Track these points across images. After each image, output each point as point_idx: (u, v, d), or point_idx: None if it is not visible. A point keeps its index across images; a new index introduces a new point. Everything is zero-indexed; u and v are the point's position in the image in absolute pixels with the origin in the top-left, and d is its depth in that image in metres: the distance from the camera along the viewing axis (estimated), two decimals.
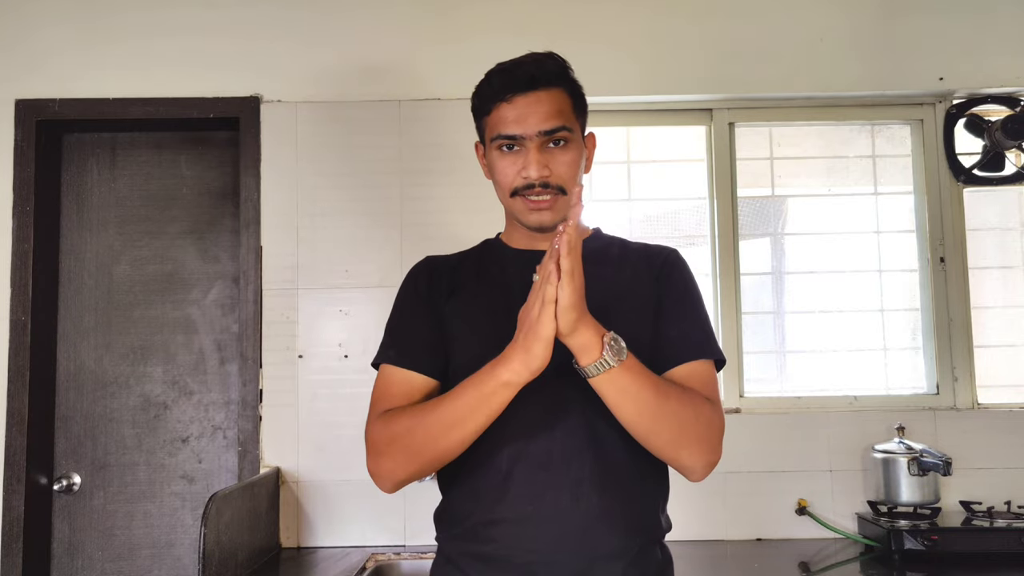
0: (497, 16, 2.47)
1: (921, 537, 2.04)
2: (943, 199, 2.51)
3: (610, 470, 1.16)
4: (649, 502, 1.21)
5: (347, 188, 2.42)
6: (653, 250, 1.31)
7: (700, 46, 2.47)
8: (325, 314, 2.40)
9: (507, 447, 1.16)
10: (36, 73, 2.45)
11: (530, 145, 1.19)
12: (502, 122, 1.20)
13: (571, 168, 1.21)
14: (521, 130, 1.19)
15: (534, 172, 1.18)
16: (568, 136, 1.20)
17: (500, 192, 1.26)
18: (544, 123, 1.18)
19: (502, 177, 1.23)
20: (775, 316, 2.56)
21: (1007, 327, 2.54)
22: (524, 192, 1.21)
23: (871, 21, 2.48)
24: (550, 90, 1.20)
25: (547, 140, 1.19)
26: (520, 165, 1.20)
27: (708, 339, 1.23)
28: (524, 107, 1.19)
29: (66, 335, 2.49)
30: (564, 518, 1.14)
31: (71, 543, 2.44)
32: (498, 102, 1.20)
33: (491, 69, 1.25)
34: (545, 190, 1.19)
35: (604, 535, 1.15)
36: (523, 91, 1.19)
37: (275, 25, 2.47)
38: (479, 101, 1.25)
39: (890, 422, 2.34)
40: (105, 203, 2.54)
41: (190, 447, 2.47)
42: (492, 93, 1.21)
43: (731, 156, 2.54)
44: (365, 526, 2.33)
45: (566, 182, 1.21)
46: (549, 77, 1.20)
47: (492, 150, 1.23)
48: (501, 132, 1.20)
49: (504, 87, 1.20)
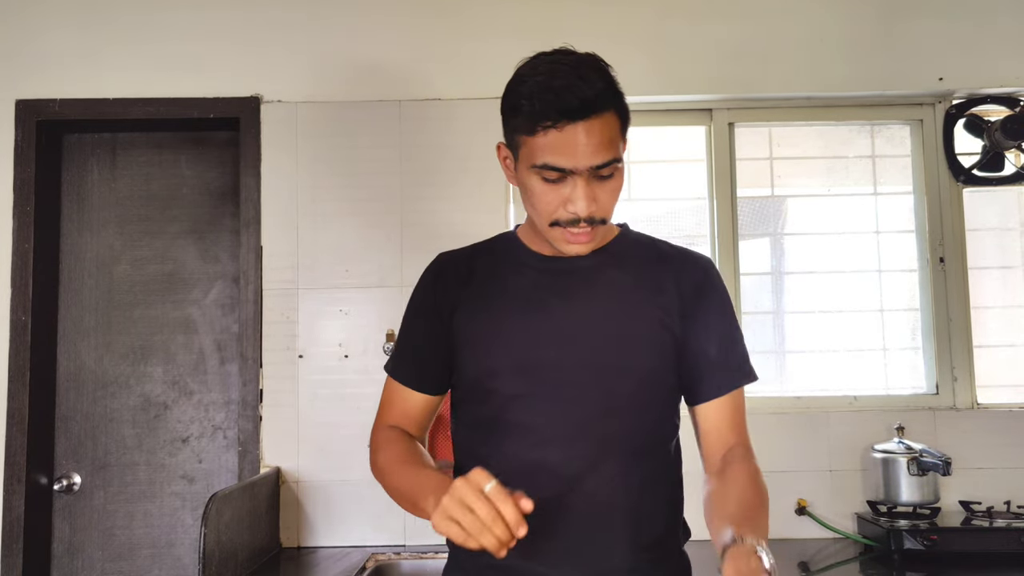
0: (497, 16, 2.46)
1: (921, 537, 2.04)
2: (943, 199, 2.51)
3: (624, 483, 1.15)
4: (664, 513, 1.20)
5: (347, 188, 2.42)
6: (686, 259, 1.24)
7: (700, 46, 2.47)
8: (325, 314, 2.40)
9: (522, 459, 1.15)
10: (36, 73, 2.45)
11: (579, 180, 1.08)
12: (549, 150, 1.07)
13: (615, 196, 1.14)
14: (571, 164, 1.07)
15: (583, 210, 1.09)
16: (616, 167, 1.11)
17: (534, 213, 1.16)
18: (595, 157, 1.07)
19: (543, 206, 1.12)
20: (775, 316, 2.56)
21: (1007, 327, 2.54)
22: (566, 225, 1.12)
23: (871, 21, 2.48)
24: (602, 116, 1.07)
25: (596, 172, 1.09)
26: (564, 197, 1.10)
27: (744, 363, 1.22)
28: (573, 136, 1.06)
29: (66, 335, 2.49)
30: (575, 526, 1.14)
31: (71, 543, 2.44)
32: (544, 127, 1.07)
33: (527, 78, 1.10)
34: (590, 225, 1.12)
35: (614, 544, 1.14)
36: (573, 119, 1.06)
37: (275, 25, 2.47)
38: (516, 116, 1.11)
39: (890, 422, 2.34)
40: (105, 203, 2.54)
41: (190, 447, 2.47)
42: (536, 115, 1.07)
43: (731, 156, 2.54)
44: (365, 526, 2.33)
45: (608, 212, 1.14)
46: (600, 99, 1.07)
47: (531, 173, 1.11)
48: (548, 163, 1.08)
49: (552, 111, 1.06)
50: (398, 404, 1.28)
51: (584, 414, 1.15)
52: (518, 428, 1.16)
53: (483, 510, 0.92)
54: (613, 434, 1.15)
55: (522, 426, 1.16)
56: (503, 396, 1.18)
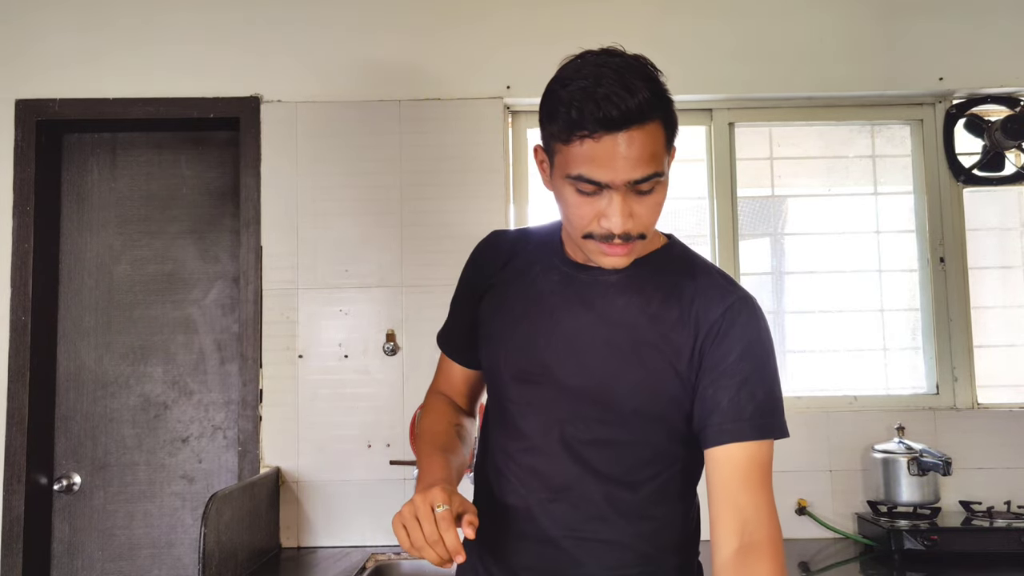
0: (497, 16, 2.46)
1: (921, 537, 2.04)
2: (943, 199, 2.51)
3: (608, 506, 1.13)
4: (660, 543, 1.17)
5: (347, 188, 2.42)
6: (718, 295, 1.12)
7: (700, 46, 2.47)
8: (325, 314, 2.40)
9: (517, 459, 1.16)
10: (36, 73, 2.45)
11: (615, 194, 1.01)
12: (585, 161, 1.00)
13: (656, 211, 1.06)
14: (608, 178, 0.99)
15: (617, 227, 1.02)
16: (658, 182, 1.02)
17: (568, 226, 1.09)
18: (635, 171, 0.99)
19: (577, 219, 1.05)
20: (775, 316, 2.56)
21: (1007, 327, 2.53)
22: (601, 239, 1.05)
23: (871, 21, 2.48)
24: (644, 127, 0.99)
25: (635, 187, 1.01)
26: (599, 211, 1.02)
27: (765, 415, 1.08)
28: (612, 148, 0.98)
29: (66, 335, 2.49)
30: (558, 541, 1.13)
31: (71, 543, 2.44)
32: (582, 136, 0.99)
33: (568, 81, 1.02)
34: (625, 241, 1.04)
35: (600, 565, 1.13)
36: (612, 130, 0.97)
37: (275, 25, 2.47)
38: (553, 122, 1.03)
39: (890, 422, 2.34)
40: (105, 203, 2.54)
41: (190, 447, 2.47)
42: (572, 123, 0.99)
43: (731, 156, 2.54)
44: (365, 526, 2.33)
45: (648, 228, 1.06)
46: (644, 109, 0.98)
47: (565, 183, 1.04)
48: (583, 174, 1.00)
49: (589, 121, 0.98)
50: (444, 372, 1.34)
51: (572, 434, 1.13)
52: (515, 429, 1.17)
53: (428, 528, 0.98)
54: (598, 461, 1.12)
55: (518, 429, 1.17)
56: (505, 397, 1.19)
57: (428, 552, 0.99)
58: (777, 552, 1.04)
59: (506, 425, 1.18)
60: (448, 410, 1.29)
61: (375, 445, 2.32)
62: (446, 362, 1.33)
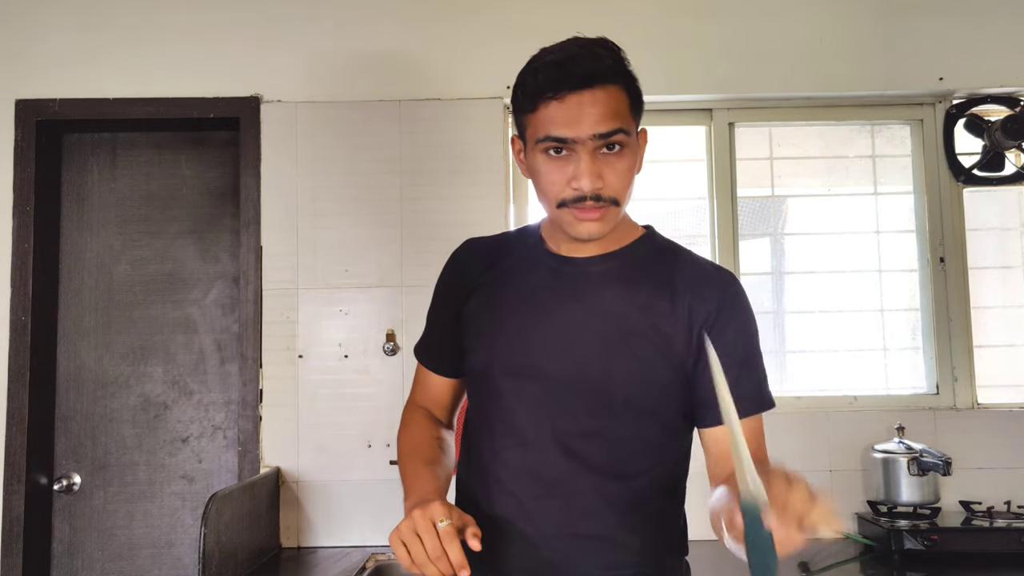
0: (497, 16, 2.46)
1: (921, 537, 2.04)
2: (943, 199, 2.51)
3: (601, 501, 1.13)
4: (650, 537, 1.17)
5: (347, 188, 2.42)
6: (707, 277, 1.17)
7: (700, 46, 2.47)
8: (325, 314, 2.40)
9: (508, 458, 1.16)
10: (36, 73, 2.45)
11: (582, 151, 1.05)
12: (551, 122, 1.05)
13: (626, 177, 1.09)
14: (573, 132, 1.04)
15: (587, 184, 1.05)
16: (624, 140, 1.07)
17: (543, 198, 1.13)
18: (599, 125, 1.04)
19: (548, 186, 1.09)
20: (775, 316, 2.56)
21: (1007, 327, 2.53)
22: (572, 204, 1.08)
23: (871, 21, 2.48)
24: (607, 87, 1.05)
25: (601, 144, 1.05)
26: (570, 174, 1.06)
27: (760, 391, 1.15)
28: (577, 106, 1.04)
29: (66, 335, 2.49)
30: (552, 539, 1.13)
31: (71, 543, 2.44)
32: (547, 99, 1.05)
33: (535, 58, 1.11)
34: (597, 203, 1.07)
35: (594, 563, 1.13)
36: (577, 88, 1.04)
37: (275, 25, 2.47)
38: (522, 96, 1.10)
39: (890, 422, 2.34)
40: (105, 203, 2.54)
41: (190, 447, 2.47)
42: (538, 88, 1.06)
43: (731, 156, 2.54)
44: (365, 526, 2.33)
45: (620, 193, 1.08)
46: (605, 72, 1.05)
47: (536, 152, 1.09)
48: (550, 133, 1.05)
49: (553, 82, 1.05)
50: (422, 385, 1.32)
51: (564, 428, 1.13)
52: (506, 427, 1.16)
53: (431, 544, 0.95)
54: (590, 454, 1.12)
55: (510, 426, 1.16)
56: (495, 393, 1.18)
57: (430, 569, 0.96)
58: None
59: (495, 425, 1.18)
60: (428, 423, 1.27)
61: (375, 445, 2.32)
62: (424, 374, 1.32)
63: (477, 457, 1.21)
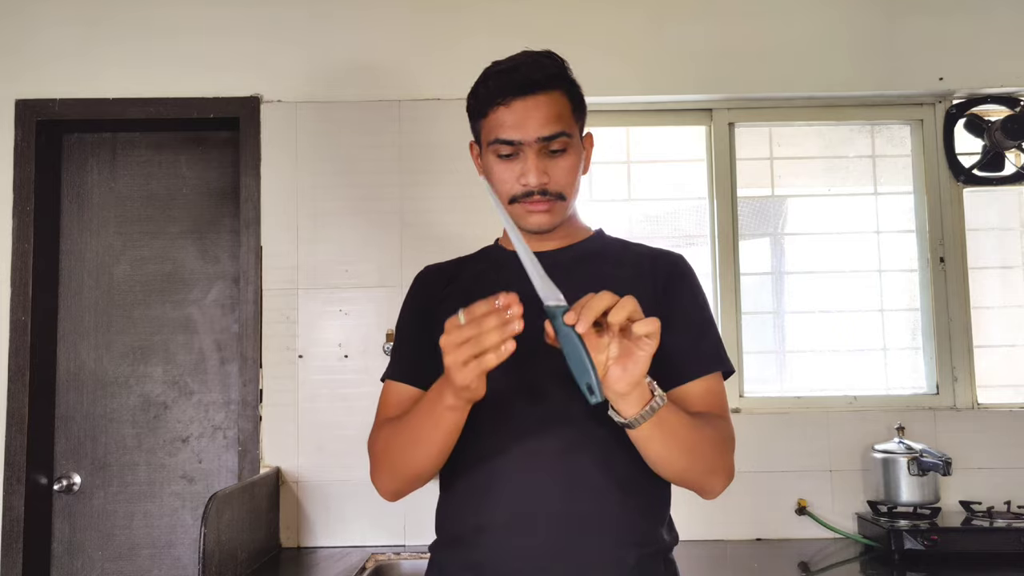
0: (496, 17, 2.47)
1: (921, 537, 2.04)
2: (943, 199, 2.51)
3: (606, 477, 1.13)
4: (648, 512, 1.18)
5: (347, 188, 2.42)
6: (658, 254, 1.28)
7: (700, 46, 2.47)
8: (325, 314, 2.40)
9: (499, 451, 1.15)
10: (36, 73, 2.45)
11: (529, 151, 1.17)
12: (500, 127, 1.17)
13: (570, 174, 1.20)
14: (519, 135, 1.16)
15: (533, 179, 1.17)
16: (567, 142, 1.18)
17: (497, 196, 1.22)
18: (543, 129, 1.16)
19: (500, 184, 1.20)
20: (775, 316, 2.56)
21: (1007, 327, 2.53)
22: (522, 199, 1.19)
23: (871, 21, 2.48)
24: (549, 93, 1.17)
25: (546, 146, 1.17)
26: (518, 172, 1.18)
27: (719, 351, 1.22)
28: (522, 111, 1.16)
29: (66, 335, 2.49)
30: (556, 525, 1.12)
31: (71, 543, 2.44)
32: (495, 105, 1.18)
33: (487, 69, 1.22)
34: (544, 197, 1.18)
35: (598, 544, 1.12)
36: (521, 95, 1.16)
37: (275, 25, 2.47)
38: (475, 102, 1.23)
39: (890, 422, 2.34)
40: (105, 203, 2.54)
41: (190, 447, 2.47)
42: (489, 95, 1.18)
43: (731, 156, 2.54)
44: (365, 526, 2.33)
45: (565, 188, 1.19)
46: (548, 79, 1.17)
47: (488, 154, 1.21)
48: (499, 136, 1.17)
49: (501, 90, 1.17)
50: (394, 401, 1.26)
51: (567, 409, 1.13)
52: (500, 420, 1.15)
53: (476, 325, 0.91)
54: (596, 430, 1.13)
55: (504, 415, 1.15)
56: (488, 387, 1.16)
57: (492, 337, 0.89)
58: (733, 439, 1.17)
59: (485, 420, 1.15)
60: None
61: None
62: (394, 391, 1.27)
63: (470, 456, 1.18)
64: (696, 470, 1.09)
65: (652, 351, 0.93)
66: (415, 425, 1.11)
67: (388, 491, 1.23)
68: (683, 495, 1.26)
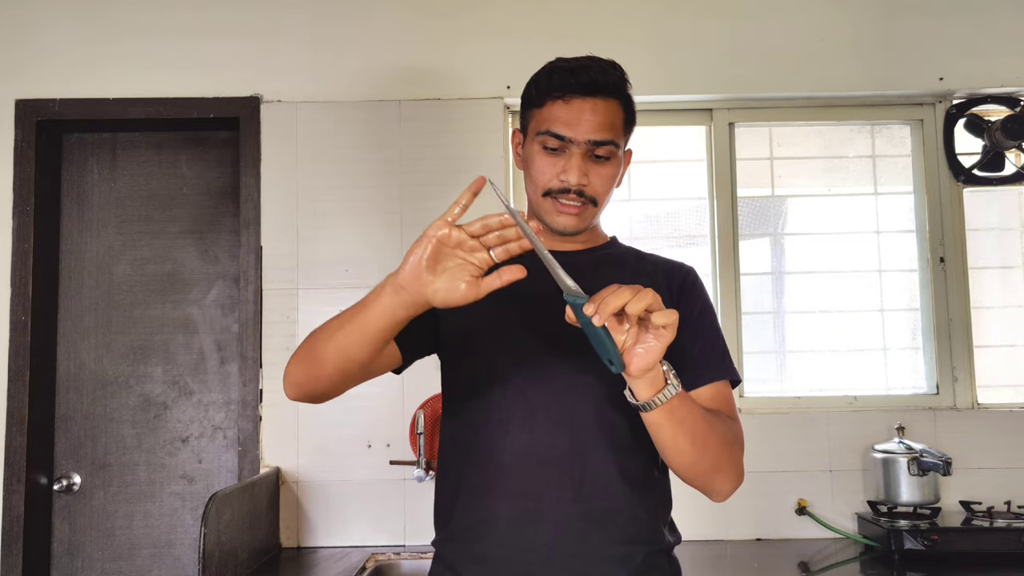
0: (496, 17, 2.46)
1: (921, 537, 2.04)
2: (943, 199, 2.51)
3: (615, 475, 1.14)
4: (653, 510, 1.19)
5: (347, 188, 2.42)
6: (671, 266, 1.30)
7: (700, 46, 2.47)
8: (325, 314, 2.35)
9: (507, 442, 1.15)
10: (36, 73, 2.45)
11: (575, 151, 1.17)
12: (554, 120, 1.18)
13: (608, 183, 1.21)
14: (571, 133, 1.17)
15: (574, 179, 1.17)
16: (613, 151, 1.19)
17: (531, 187, 1.24)
18: (595, 132, 1.17)
19: (539, 175, 1.20)
20: (775, 316, 2.56)
21: (1007, 327, 2.54)
22: (557, 195, 1.19)
23: (871, 21, 2.48)
24: (608, 100, 1.19)
25: (592, 150, 1.18)
26: (560, 168, 1.18)
27: (727, 359, 1.23)
28: (579, 111, 1.17)
29: (66, 335, 2.49)
30: (564, 518, 1.12)
31: (71, 543, 2.44)
32: (554, 99, 1.18)
33: (552, 62, 1.23)
34: (579, 198, 1.19)
35: (605, 539, 1.13)
36: (582, 94, 1.17)
37: (275, 25, 2.47)
38: (535, 91, 1.22)
39: (890, 422, 2.34)
40: (105, 203, 2.54)
41: (190, 447, 2.47)
42: (550, 87, 1.19)
43: (731, 156, 2.54)
44: (365, 526, 2.33)
45: (600, 195, 1.21)
46: (610, 87, 1.19)
47: (535, 144, 1.21)
48: (550, 129, 1.18)
49: (563, 85, 1.18)
50: None
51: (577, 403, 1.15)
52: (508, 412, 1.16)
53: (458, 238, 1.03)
54: (605, 424, 1.15)
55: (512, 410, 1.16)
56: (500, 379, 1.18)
57: (479, 252, 1.02)
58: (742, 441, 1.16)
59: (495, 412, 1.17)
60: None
61: (375, 445, 2.32)
62: None
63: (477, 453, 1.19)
64: (705, 463, 1.09)
65: (668, 341, 0.94)
66: (344, 313, 1.14)
67: (293, 381, 1.20)
68: (684, 495, 1.27)
